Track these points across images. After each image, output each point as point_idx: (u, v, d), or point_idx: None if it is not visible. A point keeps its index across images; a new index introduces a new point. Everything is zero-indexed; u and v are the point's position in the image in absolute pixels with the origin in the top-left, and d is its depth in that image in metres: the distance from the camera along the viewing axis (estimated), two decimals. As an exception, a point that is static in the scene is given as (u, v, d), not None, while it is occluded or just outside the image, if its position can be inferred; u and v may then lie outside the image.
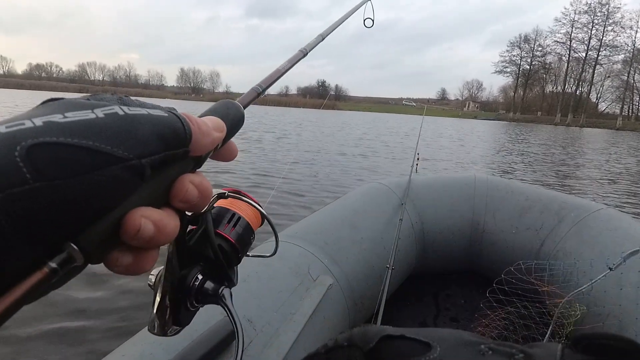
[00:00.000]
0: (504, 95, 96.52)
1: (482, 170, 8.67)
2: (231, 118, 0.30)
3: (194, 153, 0.24)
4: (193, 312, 0.38)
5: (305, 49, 0.57)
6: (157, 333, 0.36)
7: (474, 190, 2.66)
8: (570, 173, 9.47)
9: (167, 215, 0.23)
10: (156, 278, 0.35)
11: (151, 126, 0.21)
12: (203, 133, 0.25)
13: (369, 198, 2.39)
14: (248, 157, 8.55)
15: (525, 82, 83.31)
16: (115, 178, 0.19)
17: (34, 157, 0.17)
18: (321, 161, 8.85)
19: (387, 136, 17.66)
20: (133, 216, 0.21)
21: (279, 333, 1.24)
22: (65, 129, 0.18)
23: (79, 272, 0.21)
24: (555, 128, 48.34)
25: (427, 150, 11.59)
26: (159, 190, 0.23)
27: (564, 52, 76.39)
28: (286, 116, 32.13)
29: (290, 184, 6.14)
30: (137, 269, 0.22)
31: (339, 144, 12.59)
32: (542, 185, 7.14)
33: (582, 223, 2.14)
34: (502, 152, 13.51)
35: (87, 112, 0.20)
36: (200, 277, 0.36)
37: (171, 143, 0.22)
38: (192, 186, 0.24)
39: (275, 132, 15.34)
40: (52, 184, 0.17)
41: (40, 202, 0.17)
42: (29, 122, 0.18)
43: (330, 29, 0.67)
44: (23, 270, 0.17)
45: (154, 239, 0.21)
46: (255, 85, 0.42)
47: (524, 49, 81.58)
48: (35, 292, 0.17)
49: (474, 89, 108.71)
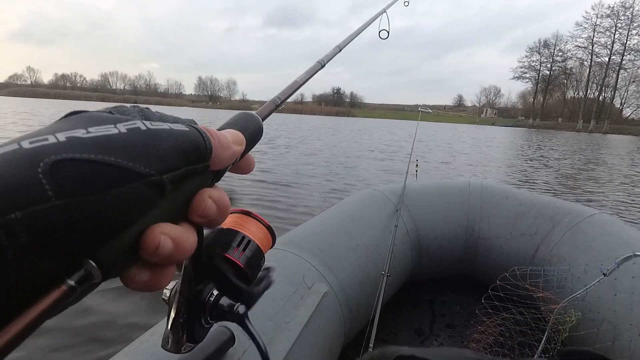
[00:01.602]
0: (523, 102, 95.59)
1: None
2: (250, 131, 0.30)
3: (213, 167, 0.24)
4: (207, 328, 0.37)
5: (322, 60, 0.57)
6: (170, 350, 0.35)
7: (468, 196, 2.67)
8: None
9: (186, 231, 0.22)
10: (171, 293, 0.34)
11: (173, 141, 0.21)
12: (223, 147, 0.25)
13: (364, 204, 2.39)
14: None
15: (545, 88, 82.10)
16: (136, 194, 0.19)
17: (56, 173, 0.17)
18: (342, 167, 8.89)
19: (402, 142, 17.62)
20: (152, 233, 0.20)
21: (273, 342, 1.22)
22: (88, 144, 0.18)
23: (95, 288, 0.20)
24: (577, 135, 47.65)
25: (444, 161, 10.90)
26: (178, 205, 0.23)
27: (585, 56, 75.33)
28: (302, 124, 31.49)
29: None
30: (154, 285, 0.22)
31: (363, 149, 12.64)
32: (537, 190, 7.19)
33: (576, 228, 2.15)
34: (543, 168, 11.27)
35: (109, 126, 0.20)
36: (216, 293, 0.35)
37: (192, 158, 0.22)
38: (211, 201, 0.24)
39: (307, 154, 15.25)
40: (74, 200, 0.17)
41: (61, 219, 0.17)
42: (52, 138, 0.18)
43: (347, 41, 0.68)
44: (41, 286, 0.17)
45: (173, 256, 0.21)
46: (274, 97, 0.43)
47: (543, 54, 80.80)
48: (53, 309, 0.17)
49: (492, 95, 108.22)
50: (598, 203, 6.60)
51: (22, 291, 0.16)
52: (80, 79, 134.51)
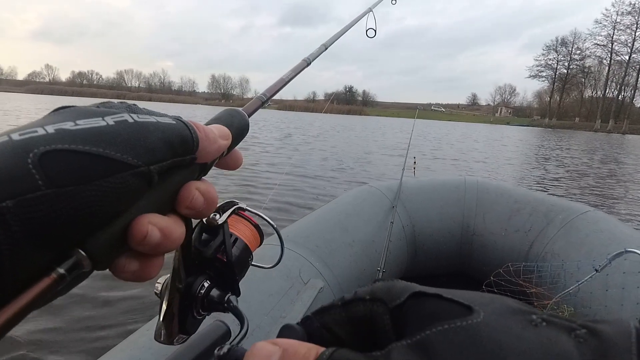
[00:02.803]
0: (539, 101, 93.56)
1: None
2: (236, 126, 0.30)
3: (200, 160, 0.25)
4: (199, 320, 0.37)
5: (308, 59, 0.58)
6: (163, 342, 0.36)
7: (464, 193, 2.68)
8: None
9: (173, 222, 0.23)
10: (162, 286, 0.35)
11: (160, 133, 0.22)
12: (210, 140, 0.25)
13: (361, 201, 2.40)
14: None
15: (562, 87, 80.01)
16: (124, 184, 0.19)
17: (46, 164, 0.17)
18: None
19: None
20: (140, 222, 0.21)
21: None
22: (77, 136, 0.19)
23: (85, 278, 0.21)
24: (595, 134, 46.68)
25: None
26: (165, 196, 0.23)
27: (604, 55, 73.31)
28: (313, 122, 30.66)
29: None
30: (143, 275, 0.22)
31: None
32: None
33: (570, 225, 2.17)
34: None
35: (97, 119, 0.20)
36: (207, 285, 0.36)
37: (178, 150, 0.23)
38: (198, 193, 0.24)
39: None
40: (63, 190, 0.17)
41: (51, 208, 0.17)
42: (41, 130, 0.18)
43: (333, 39, 0.69)
44: (32, 275, 0.17)
45: (161, 246, 0.22)
46: (259, 94, 0.43)
47: (560, 53, 78.78)
48: (43, 298, 0.18)
49: (507, 94, 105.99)
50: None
51: (14, 278, 0.17)
52: (97, 77, 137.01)
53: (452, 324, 0.17)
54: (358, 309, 0.21)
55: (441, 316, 0.18)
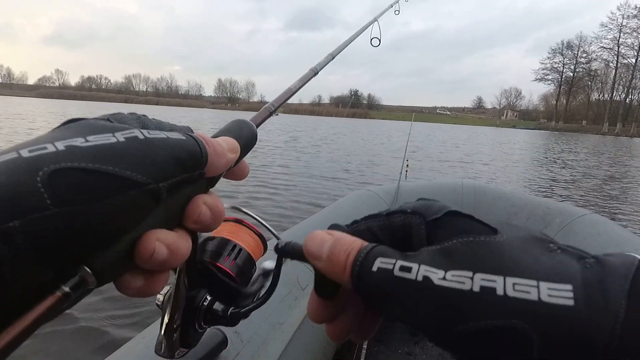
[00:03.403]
0: (545, 104, 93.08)
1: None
2: (244, 137, 0.30)
3: (208, 174, 0.25)
4: (201, 333, 0.37)
5: (315, 68, 0.59)
6: (164, 355, 0.35)
7: (461, 197, 2.69)
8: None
9: (180, 237, 0.23)
10: (164, 298, 0.34)
11: (170, 150, 0.22)
12: (218, 155, 0.25)
13: (358, 205, 2.40)
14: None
15: (569, 90, 79.76)
16: (132, 202, 0.19)
17: (55, 182, 0.17)
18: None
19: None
20: (147, 239, 0.21)
21: (267, 343, 1.22)
22: (87, 153, 0.19)
23: (89, 293, 0.21)
24: (603, 138, 46.52)
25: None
26: (173, 211, 0.23)
27: (611, 58, 73.10)
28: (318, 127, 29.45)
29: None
30: (148, 291, 0.22)
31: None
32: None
33: (568, 228, 2.17)
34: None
35: (108, 135, 0.20)
36: (209, 298, 0.36)
37: (188, 166, 0.23)
38: (205, 207, 0.24)
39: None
40: (72, 209, 0.17)
41: (59, 227, 0.17)
42: (51, 147, 0.18)
43: (340, 49, 0.70)
44: (37, 293, 0.17)
45: (167, 262, 0.21)
46: (268, 104, 0.43)
47: (566, 56, 78.63)
48: (47, 316, 0.17)
49: (512, 97, 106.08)
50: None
51: (19, 298, 0.17)
52: (105, 81, 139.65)
53: (478, 237, 0.20)
54: (399, 219, 0.24)
55: (470, 232, 0.21)
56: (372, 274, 0.21)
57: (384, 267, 0.20)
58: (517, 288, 0.17)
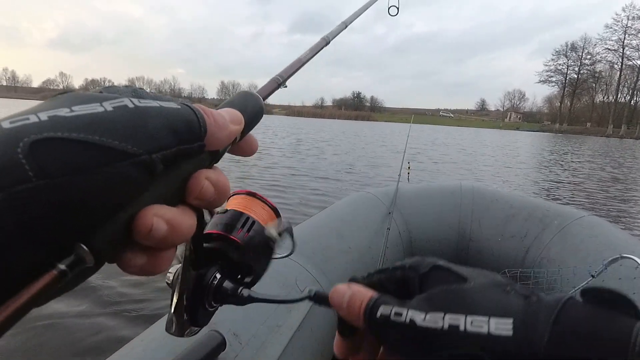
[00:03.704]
0: (549, 106, 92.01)
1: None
2: (250, 110, 0.29)
3: (209, 147, 0.23)
4: (211, 312, 0.36)
5: (327, 37, 0.56)
6: (174, 333, 0.34)
7: (460, 199, 2.69)
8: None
9: (182, 214, 0.21)
10: (174, 276, 0.34)
11: (163, 119, 0.20)
12: (219, 126, 0.23)
13: (357, 207, 2.40)
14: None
15: (573, 92, 78.61)
16: (124, 175, 0.18)
17: (37, 153, 0.16)
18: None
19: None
20: (145, 215, 0.20)
21: (265, 346, 1.22)
22: (71, 123, 0.18)
23: (91, 273, 0.20)
24: (607, 140, 45.99)
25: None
26: (173, 187, 0.21)
27: (615, 60, 72.09)
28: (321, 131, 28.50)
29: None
30: (151, 269, 0.21)
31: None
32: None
33: (565, 230, 2.18)
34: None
35: (95, 105, 0.19)
36: (219, 276, 0.35)
37: (185, 137, 0.21)
38: (208, 183, 0.23)
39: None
40: (56, 181, 0.16)
41: (44, 201, 0.16)
42: (33, 117, 0.17)
43: (354, 17, 0.66)
44: (31, 273, 0.16)
45: (168, 239, 0.20)
46: (276, 75, 0.40)
47: (570, 58, 77.43)
48: (44, 295, 0.17)
49: (516, 99, 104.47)
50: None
51: (10, 275, 0.16)
52: (109, 84, 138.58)
53: (450, 286, 0.26)
54: (400, 273, 0.30)
55: (447, 282, 0.27)
56: (377, 319, 0.26)
57: (385, 313, 0.26)
58: (474, 324, 0.22)
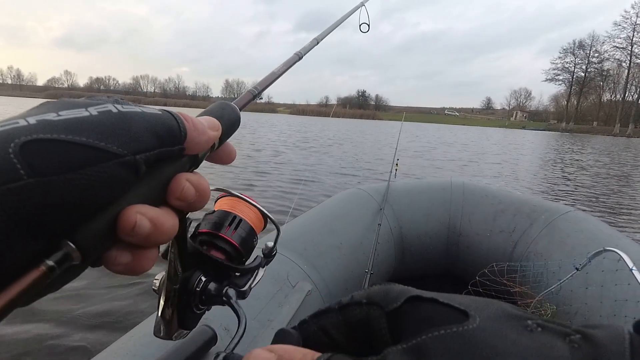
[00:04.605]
0: (555, 105, 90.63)
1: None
2: (226, 118, 0.30)
3: (189, 151, 0.24)
4: (199, 314, 0.37)
5: (300, 53, 0.59)
6: (163, 337, 0.35)
7: (450, 195, 2.73)
8: None
9: (164, 213, 0.22)
10: (160, 282, 0.35)
11: (145, 123, 0.22)
12: (198, 131, 0.25)
13: (348, 203, 2.42)
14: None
15: (580, 91, 76.87)
16: (109, 174, 0.19)
17: (27, 153, 0.17)
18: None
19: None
20: (128, 212, 0.20)
21: (256, 341, 1.24)
22: (59, 126, 0.19)
23: (78, 273, 0.21)
24: (614, 139, 45.62)
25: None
26: (155, 188, 0.23)
27: (624, 58, 70.31)
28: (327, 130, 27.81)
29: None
30: (136, 268, 0.22)
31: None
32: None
33: (552, 225, 2.23)
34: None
35: (80, 110, 0.20)
36: (204, 279, 0.36)
37: (166, 140, 0.22)
38: (189, 184, 0.24)
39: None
40: (46, 180, 0.17)
41: (35, 198, 0.17)
42: (22, 121, 0.18)
43: (325, 33, 0.70)
44: (20, 268, 0.17)
45: (152, 237, 0.21)
46: (251, 87, 0.43)
47: (578, 56, 75.64)
48: (31, 291, 0.17)
49: (522, 98, 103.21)
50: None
51: (2, 272, 0.17)
52: (114, 82, 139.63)
53: (449, 329, 0.17)
54: (355, 313, 0.21)
55: (437, 321, 0.18)
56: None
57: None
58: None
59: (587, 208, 6.24)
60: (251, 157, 9.87)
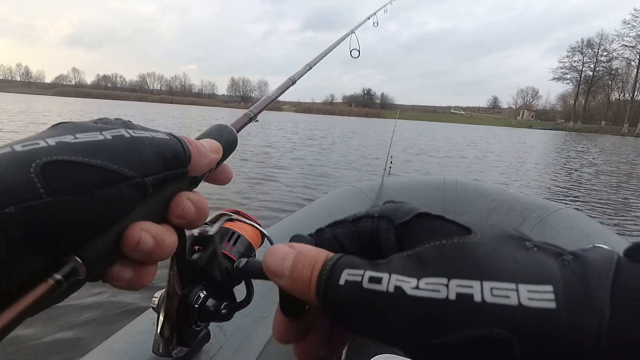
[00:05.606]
0: (563, 104, 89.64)
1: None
2: (225, 140, 0.31)
3: (192, 173, 0.26)
4: (198, 331, 0.37)
5: (294, 77, 0.63)
6: (161, 354, 0.36)
7: (443, 192, 2.74)
8: None
9: (166, 231, 0.24)
10: (159, 300, 0.35)
11: (154, 148, 0.23)
12: (201, 155, 0.26)
13: (342, 201, 2.43)
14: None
15: (588, 90, 75.99)
16: (120, 194, 0.21)
17: (47, 173, 0.18)
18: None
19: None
20: (133, 229, 0.22)
21: (250, 337, 1.24)
22: (77, 148, 0.20)
23: (79, 287, 0.22)
24: (623, 139, 45.12)
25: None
26: (158, 206, 0.24)
27: (633, 56, 69.64)
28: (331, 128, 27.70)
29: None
30: (137, 283, 0.23)
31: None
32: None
33: (544, 222, 2.25)
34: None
35: (96, 133, 0.22)
36: (203, 296, 0.37)
37: (172, 164, 0.24)
38: (189, 203, 0.25)
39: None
40: (63, 199, 0.18)
41: (51, 216, 0.18)
42: (42, 142, 0.19)
43: (317, 59, 0.73)
44: (29, 281, 0.18)
45: (154, 253, 0.23)
46: (247, 110, 0.45)
47: (586, 54, 74.72)
48: (39, 303, 0.18)
49: (529, 96, 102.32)
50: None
51: (12, 284, 0.17)
52: (120, 80, 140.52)
53: (450, 240, 0.19)
54: (366, 224, 0.23)
55: (442, 233, 0.19)
56: (339, 288, 0.19)
57: (352, 279, 0.19)
58: (496, 293, 0.16)
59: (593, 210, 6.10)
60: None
